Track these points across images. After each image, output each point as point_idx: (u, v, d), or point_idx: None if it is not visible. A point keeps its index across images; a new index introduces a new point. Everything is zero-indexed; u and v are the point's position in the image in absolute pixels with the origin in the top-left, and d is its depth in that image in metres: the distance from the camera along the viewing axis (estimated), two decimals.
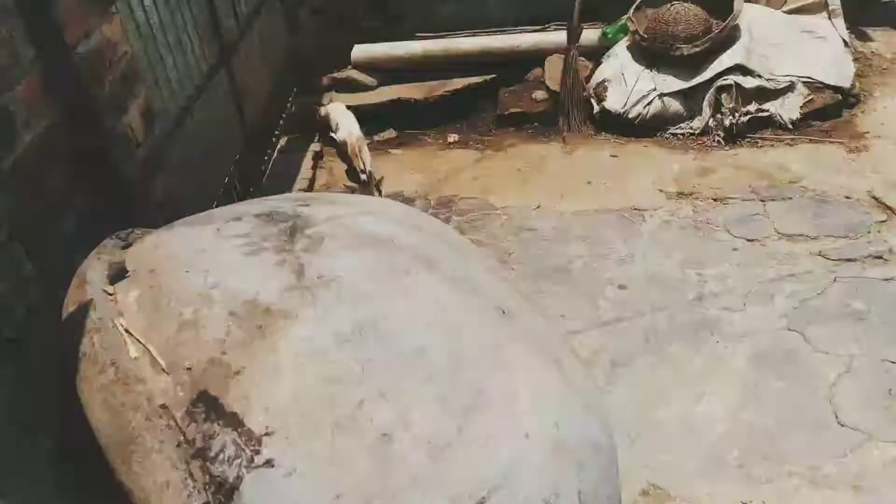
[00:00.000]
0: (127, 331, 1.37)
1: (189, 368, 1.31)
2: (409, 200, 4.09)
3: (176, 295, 1.41)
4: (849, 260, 3.29)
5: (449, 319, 1.44)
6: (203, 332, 1.35)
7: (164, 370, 1.31)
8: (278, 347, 1.33)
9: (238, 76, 3.81)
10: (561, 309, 3.19)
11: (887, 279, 3.14)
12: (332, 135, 4.50)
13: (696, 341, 2.99)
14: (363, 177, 4.13)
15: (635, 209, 3.81)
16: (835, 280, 3.19)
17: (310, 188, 4.27)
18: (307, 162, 4.43)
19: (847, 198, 3.73)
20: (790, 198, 3.76)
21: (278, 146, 4.50)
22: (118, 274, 1.50)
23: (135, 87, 2.22)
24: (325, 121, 4.61)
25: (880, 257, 3.28)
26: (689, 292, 3.23)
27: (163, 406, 1.28)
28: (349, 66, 5.00)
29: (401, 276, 1.49)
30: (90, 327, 1.38)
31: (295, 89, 4.93)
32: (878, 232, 3.44)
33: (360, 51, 4.95)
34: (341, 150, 4.43)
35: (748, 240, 3.50)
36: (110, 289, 1.46)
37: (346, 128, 4.42)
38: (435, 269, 1.55)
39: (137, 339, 1.35)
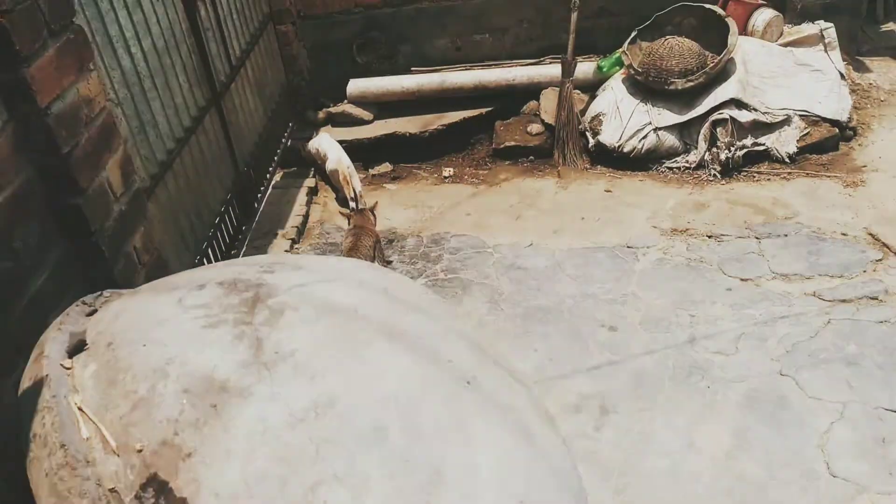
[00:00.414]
0: (80, 409, 1.35)
1: (140, 450, 1.29)
2: (401, 237, 4.08)
3: (132, 370, 1.39)
4: (843, 301, 3.24)
5: (409, 394, 1.42)
6: (156, 410, 1.32)
7: (114, 451, 1.29)
8: (231, 427, 1.30)
9: (230, 116, 3.82)
10: (549, 352, 3.16)
11: (881, 321, 3.09)
12: (323, 166, 4.52)
13: (686, 386, 2.95)
14: (353, 204, 4.12)
15: (628, 247, 3.78)
16: (829, 322, 3.14)
17: (303, 224, 4.27)
18: (301, 198, 4.43)
19: (843, 234, 3.69)
20: (785, 235, 3.72)
21: (273, 182, 4.51)
22: (77, 346, 1.48)
23: (112, 141, 2.21)
24: (312, 155, 4.62)
25: (875, 298, 3.23)
26: (680, 334, 3.19)
27: (112, 490, 1.26)
28: (345, 101, 5.02)
29: (361, 348, 1.47)
30: (42, 405, 1.36)
31: (291, 124, 4.95)
32: (874, 271, 3.40)
33: (356, 85, 4.97)
34: (333, 179, 4.44)
35: (742, 279, 3.46)
36: (68, 363, 1.45)
37: (335, 157, 4.44)
38: (398, 339, 1.53)
39: (90, 418, 1.33)
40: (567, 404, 2.91)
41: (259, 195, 4.24)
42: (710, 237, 3.80)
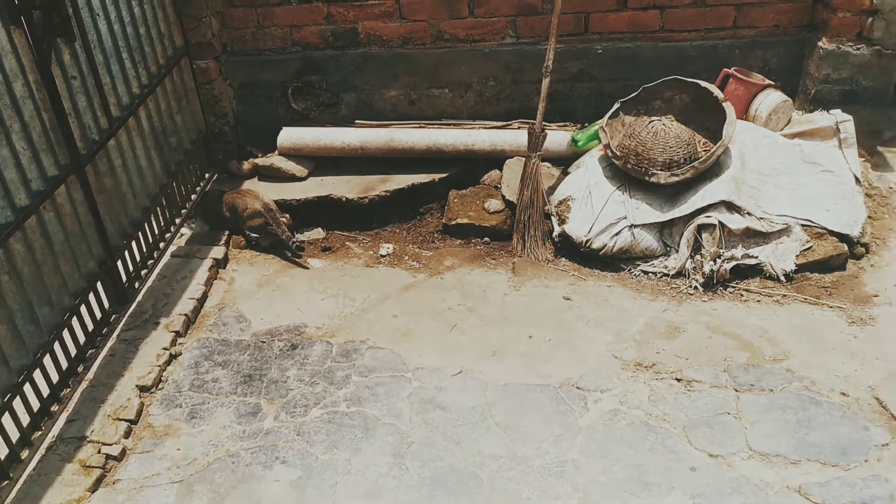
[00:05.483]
0: None
1: None
2: (307, 342, 3.36)
3: None
4: None
5: None
6: None
7: None
8: None
9: (102, 181, 3.09)
10: None
11: None
12: (248, 226, 3.94)
13: None
14: (291, 243, 3.89)
15: (578, 387, 3.05)
16: None
17: (197, 310, 3.54)
18: (202, 273, 3.71)
19: (843, 395, 2.97)
20: (771, 389, 3.00)
21: (169, 251, 3.77)
22: None
23: None
24: (234, 211, 3.94)
25: None
26: None
27: None
28: (275, 152, 4.28)
29: None
30: None
31: (208, 176, 4.21)
32: (878, 461, 2.68)
33: (289, 135, 4.24)
34: (265, 226, 3.93)
35: (711, 455, 2.74)
36: None
37: (258, 202, 3.90)
38: None
39: None
40: None
41: (144, 272, 3.50)
42: (679, 381, 3.08)
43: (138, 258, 3.44)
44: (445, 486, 2.66)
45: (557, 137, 4.13)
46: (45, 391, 2.80)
